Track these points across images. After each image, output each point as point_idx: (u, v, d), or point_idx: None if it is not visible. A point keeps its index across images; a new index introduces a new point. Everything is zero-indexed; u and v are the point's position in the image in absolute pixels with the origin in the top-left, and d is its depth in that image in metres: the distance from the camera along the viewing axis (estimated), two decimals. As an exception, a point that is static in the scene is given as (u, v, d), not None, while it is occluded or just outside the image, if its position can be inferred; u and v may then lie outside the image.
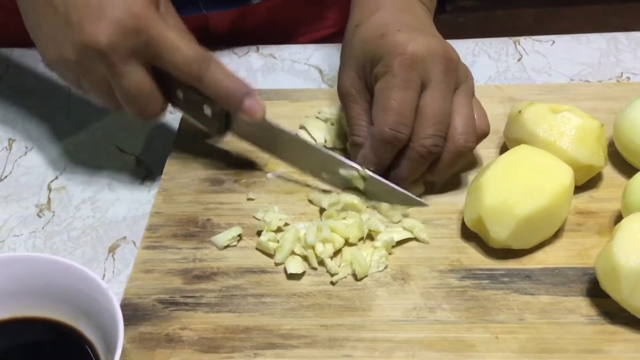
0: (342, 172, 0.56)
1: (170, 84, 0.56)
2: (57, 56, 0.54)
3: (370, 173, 0.55)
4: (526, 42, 0.78)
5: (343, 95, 0.58)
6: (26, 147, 0.67)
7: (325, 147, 0.60)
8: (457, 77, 0.56)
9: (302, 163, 0.58)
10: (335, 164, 0.56)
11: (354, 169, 0.56)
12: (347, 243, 0.54)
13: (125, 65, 0.52)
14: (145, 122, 0.58)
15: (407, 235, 0.54)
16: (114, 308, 0.43)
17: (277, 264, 0.53)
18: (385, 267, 0.52)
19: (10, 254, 0.53)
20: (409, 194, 0.55)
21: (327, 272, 0.52)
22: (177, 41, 0.53)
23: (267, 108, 0.56)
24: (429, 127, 0.54)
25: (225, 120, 0.58)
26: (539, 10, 1.94)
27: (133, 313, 0.49)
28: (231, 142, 0.63)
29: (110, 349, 0.43)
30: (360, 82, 0.57)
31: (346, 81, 0.58)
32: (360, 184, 0.56)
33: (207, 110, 0.57)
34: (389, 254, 0.53)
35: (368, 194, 0.56)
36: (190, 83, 0.54)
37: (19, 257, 0.47)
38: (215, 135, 0.59)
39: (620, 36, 0.78)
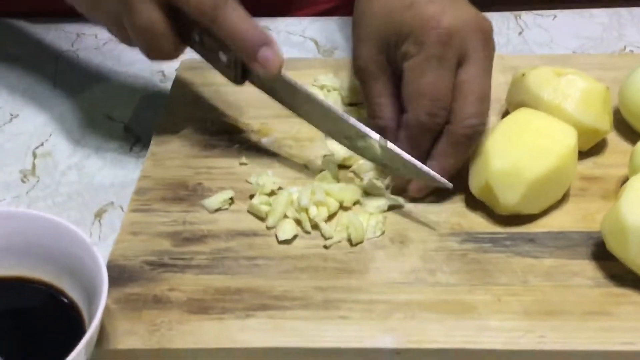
0: (360, 142, 0.51)
1: (188, 24, 0.52)
2: None
3: (390, 145, 0.50)
4: (527, 16, 0.76)
5: (362, 72, 0.54)
6: (11, 115, 0.65)
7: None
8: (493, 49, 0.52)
9: (322, 125, 0.54)
10: (352, 130, 0.51)
11: (372, 139, 0.51)
12: (342, 207, 0.52)
13: (139, 0, 0.49)
14: (157, 61, 0.55)
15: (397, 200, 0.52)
16: (98, 264, 0.41)
17: (268, 228, 0.51)
18: (382, 233, 0.50)
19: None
20: (432, 172, 0.50)
21: (322, 235, 0.50)
22: None
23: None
24: (473, 105, 0.49)
25: (242, 68, 0.53)
26: None
27: (119, 275, 0.47)
28: (224, 107, 0.61)
29: (94, 308, 0.41)
30: (381, 56, 0.52)
31: (365, 56, 0.53)
32: (378, 154, 0.51)
33: (223, 57, 0.53)
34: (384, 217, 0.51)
35: (388, 167, 0.52)
36: (204, 24, 0.51)
37: (-1, 212, 0.44)
38: (233, 83, 0.54)
39: (623, 11, 0.76)
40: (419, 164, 0.50)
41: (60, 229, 0.43)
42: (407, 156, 0.50)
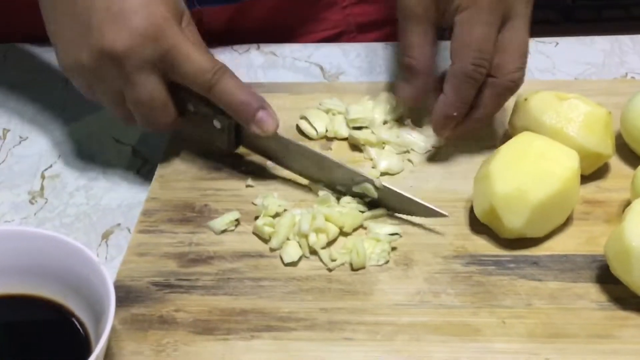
0: (355, 188, 0.54)
1: (182, 97, 0.55)
2: (74, 60, 0.54)
3: (385, 183, 0.53)
4: (530, 43, 0.77)
5: (405, 12, 0.56)
6: (20, 137, 0.65)
7: (329, 156, 0.56)
8: None
9: (315, 176, 0.56)
10: (347, 176, 0.54)
11: (367, 180, 0.53)
12: (342, 232, 0.52)
13: (140, 73, 0.52)
14: (154, 132, 0.58)
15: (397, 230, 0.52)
16: (106, 284, 0.41)
17: (272, 250, 0.51)
18: (386, 262, 0.50)
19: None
20: (427, 204, 0.52)
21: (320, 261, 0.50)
22: (192, 51, 0.52)
23: (268, 100, 0.55)
24: (516, 60, 0.54)
25: (236, 133, 0.56)
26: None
27: (125, 295, 0.47)
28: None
29: (100, 326, 0.41)
30: (432, 3, 0.56)
31: None
32: (375, 194, 0.53)
33: (217, 124, 0.55)
34: (393, 248, 0.51)
35: (383, 204, 0.54)
36: (202, 93, 0.54)
37: (7, 232, 0.45)
38: (226, 150, 0.57)
39: (624, 38, 0.77)
40: (414, 197, 0.53)
41: (69, 249, 0.43)
42: (402, 192, 0.53)
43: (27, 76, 0.72)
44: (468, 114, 0.56)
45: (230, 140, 0.56)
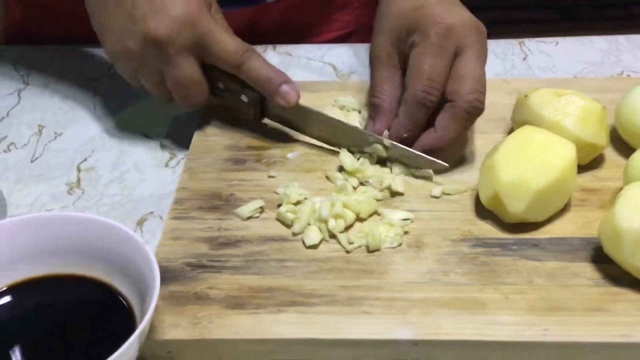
0: (367, 149, 0.61)
1: (213, 77, 0.63)
2: (121, 47, 0.61)
3: (393, 142, 0.60)
4: (531, 42, 0.81)
5: (373, 58, 0.64)
6: (55, 133, 0.70)
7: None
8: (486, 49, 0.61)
9: (335, 139, 0.63)
10: (360, 137, 0.61)
11: (377, 141, 0.61)
12: (358, 218, 0.56)
13: (179, 56, 0.60)
14: (190, 109, 0.65)
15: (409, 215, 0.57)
16: (150, 260, 0.46)
17: (294, 234, 0.56)
18: (400, 245, 0.55)
19: (49, 213, 0.56)
20: (429, 157, 0.59)
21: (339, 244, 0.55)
22: (223, 36, 0.60)
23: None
24: (469, 83, 0.58)
25: (261, 106, 0.64)
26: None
27: (163, 274, 0.51)
28: (252, 126, 0.66)
29: (145, 302, 0.46)
30: (393, 49, 0.62)
31: (379, 45, 0.63)
32: (384, 153, 0.61)
33: (244, 98, 0.63)
34: (405, 232, 0.56)
35: (392, 159, 0.61)
36: (232, 71, 0.61)
37: (58, 217, 0.50)
38: (252, 120, 0.65)
39: (621, 38, 0.81)
40: (418, 152, 0.60)
41: (116, 232, 0.48)
42: (408, 148, 0.60)
43: (59, 76, 0.77)
44: (427, 134, 0.60)
45: (256, 112, 0.64)
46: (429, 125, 0.61)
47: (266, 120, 0.66)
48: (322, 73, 0.77)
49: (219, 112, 0.68)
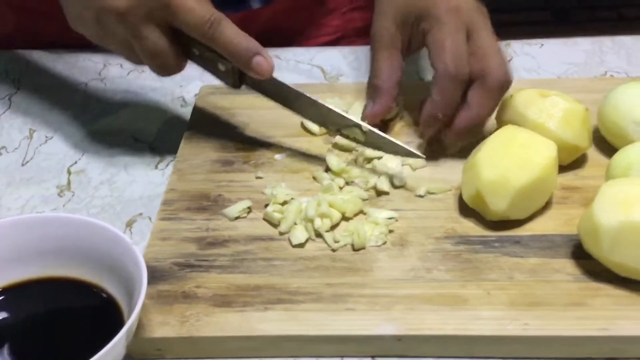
0: (345, 131, 0.61)
1: (187, 42, 0.60)
2: (80, 19, 0.59)
3: (370, 127, 0.60)
4: (517, 44, 0.82)
5: (374, 39, 0.63)
6: (46, 137, 0.71)
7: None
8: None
9: (312, 116, 0.63)
10: (339, 119, 0.61)
11: (355, 125, 0.60)
12: (344, 217, 0.57)
13: (143, 26, 0.57)
14: (165, 76, 0.62)
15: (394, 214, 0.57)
16: (138, 260, 0.47)
17: (281, 233, 0.56)
18: (384, 243, 0.56)
19: (39, 214, 0.57)
20: (406, 146, 0.59)
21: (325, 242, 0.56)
22: (190, 2, 0.56)
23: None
24: (494, 58, 0.59)
25: (239, 74, 0.61)
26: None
27: (151, 274, 0.52)
28: (240, 128, 0.67)
29: (132, 301, 0.47)
30: (396, 31, 0.62)
31: (382, 26, 0.63)
32: (362, 137, 0.60)
33: (221, 67, 0.61)
34: (390, 231, 0.57)
35: (369, 145, 0.61)
36: (203, 41, 0.58)
37: (48, 218, 0.51)
38: (232, 87, 0.62)
39: (605, 39, 0.82)
40: (395, 140, 0.59)
41: (104, 233, 0.48)
42: (385, 135, 0.60)
43: (49, 80, 0.78)
44: (462, 113, 0.60)
45: (235, 80, 0.61)
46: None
47: (251, 116, 0.64)
48: (311, 76, 0.78)
49: (208, 115, 0.69)
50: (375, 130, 0.60)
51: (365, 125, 0.60)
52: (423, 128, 0.62)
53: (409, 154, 0.60)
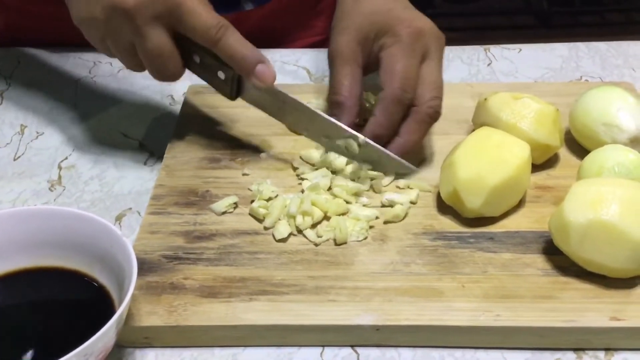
0: (339, 141, 0.62)
1: (189, 49, 0.61)
2: (87, 14, 0.59)
3: (367, 140, 0.61)
4: (495, 49, 0.85)
5: (335, 55, 0.64)
6: (37, 132, 0.73)
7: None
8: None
9: (304, 128, 0.64)
10: (335, 130, 0.62)
11: (352, 136, 0.61)
12: (326, 217, 0.59)
13: (149, 27, 0.58)
14: (164, 82, 0.63)
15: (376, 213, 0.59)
16: (128, 252, 0.49)
17: (266, 228, 0.59)
18: (365, 238, 0.58)
19: (32, 207, 0.59)
20: (401, 159, 0.61)
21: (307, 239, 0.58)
22: (198, 8, 0.58)
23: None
24: (433, 90, 0.62)
25: (237, 85, 0.63)
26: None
27: (140, 266, 0.54)
28: (228, 127, 0.70)
29: (122, 291, 0.49)
30: (357, 47, 0.64)
31: (343, 43, 0.64)
32: (357, 149, 0.62)
33: (221, 75, 0.62)
34: (371, 227, 0.59)
35: (361, 159, 0.62)
36: (207, 47, 0.59)
37: (40, 210, 0.52)
38: (228, 98, 0.64)
39: (581, 45, 0.85)
40: (391, 154, 0.61)
41: (96, 225, 0.50)
42: (382, 148, 0.61)
43: (40, 77, 0.79)
44: (393, 141, 0.62)
45: (232, 90, 0.63)
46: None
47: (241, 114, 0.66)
48: (297, 76, 0.81)
49: (196, 113, 0.71)
50: (372, 142, 0.61)
51: (362, 137, 0.61)
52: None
53: (403, 168, 0.62)
